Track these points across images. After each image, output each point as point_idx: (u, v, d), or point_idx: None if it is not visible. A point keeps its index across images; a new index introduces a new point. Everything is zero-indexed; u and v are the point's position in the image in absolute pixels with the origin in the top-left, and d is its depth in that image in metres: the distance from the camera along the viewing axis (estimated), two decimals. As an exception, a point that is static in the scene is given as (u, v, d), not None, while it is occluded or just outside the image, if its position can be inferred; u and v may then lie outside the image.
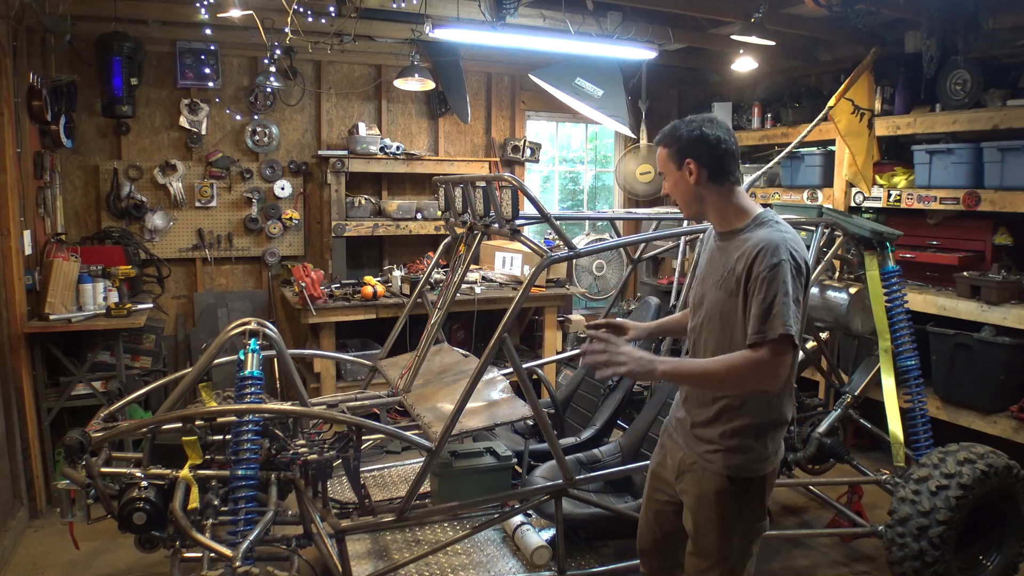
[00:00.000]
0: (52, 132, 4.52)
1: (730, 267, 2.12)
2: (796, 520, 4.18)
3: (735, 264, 2.10)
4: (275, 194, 5.58)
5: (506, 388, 3.28)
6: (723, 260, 2.16)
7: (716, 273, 2.18)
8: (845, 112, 4.39)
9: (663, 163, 2.22)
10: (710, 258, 2.26)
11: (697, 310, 2.26)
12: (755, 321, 1.99)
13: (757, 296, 2.00)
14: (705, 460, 2.17)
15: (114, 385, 4.31)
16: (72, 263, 4.25)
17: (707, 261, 2.27)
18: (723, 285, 2.14)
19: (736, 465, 2.12)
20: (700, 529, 2.19)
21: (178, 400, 3.07)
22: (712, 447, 2.16)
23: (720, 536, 2.15)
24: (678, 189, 2.20)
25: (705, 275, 2.25)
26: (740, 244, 2.11)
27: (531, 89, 6.12)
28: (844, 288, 3.85)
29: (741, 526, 2.16)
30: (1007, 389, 4.00)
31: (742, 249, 2.09)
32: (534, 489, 3.08)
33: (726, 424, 2.14)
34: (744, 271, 2.06)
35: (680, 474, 2.27)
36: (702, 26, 5.28)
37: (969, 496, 3.10)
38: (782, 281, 1.97)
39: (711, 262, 2.24)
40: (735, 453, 2.12)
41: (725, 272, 2.13)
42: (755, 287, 2.01)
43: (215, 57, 5.28)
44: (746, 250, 2.07)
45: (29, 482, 4.01)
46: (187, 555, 2.84)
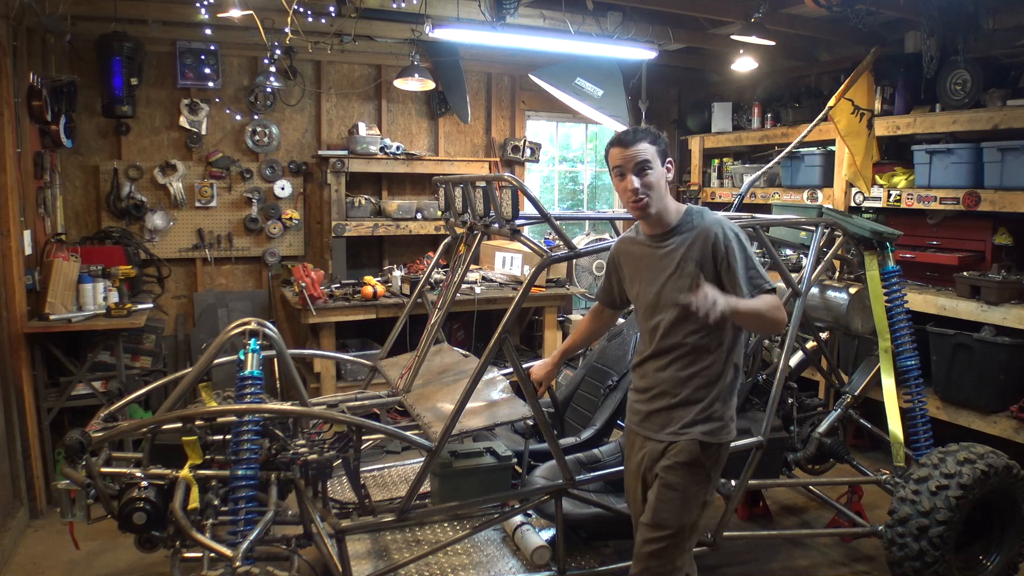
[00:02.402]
0: (52, 132, 4.52)
1: (688, 259, 2.36)
2: (796, 520, 4.18)
3: (691, 254, 2.36)
4: (275, 194, 5.58)
5: (506, 388, 3.28)
6: (670, 257, 2.40)
7: (666, 270, 2.40)
8: (845, 112, 4.39)
9: (652, 157, 2.36)
10: (646, 262, 2.48)
11: (655, 311, 2.45)
12: (748, 281, 2.34)
13: (737, 266, 2.33)
14: (679, 435, 2.40)
15: (114, 385, 4.31)
16: (72, 263, 4.25)
17: (645, 266, 2.48)
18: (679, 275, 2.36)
19: (709, 431, 2.39)
20: (663, 499, 2.38)
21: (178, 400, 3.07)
22: (689, 419, 2.39)
23: (681, 505, 2.36)
24: (662, 184, 2.38)
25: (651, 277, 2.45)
26: (687, 236, 2.39)
27: (531, 89, 6.12)
28: (844, 288, 3.85)
29: (700, 496, 2.40)
30: (1007, 389, 4.00)
31: (692, 239, 2.38)
32: (534, 489, 3.08)
33: (703, 396, 2.40)
34: (711, 254, 2.35)
35: (652, 463, 2.47)
36: (702, 26, 5.28)
37: (969, 496, 3.10)
38: (748, 251, 2.37)
39: (651, 264, 2.46)
40: (709, 421, 2.39)
41: (681, 266, 2.37)
42: (730, 261, 2.34)
43: (215, 57, 5.28)
44: (698, 238, 2.37)
45: (29, 482, 4.01)
46: (187, 555, 2.84)
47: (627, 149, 2.37)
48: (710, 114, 6.30)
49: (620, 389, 3.92)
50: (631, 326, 4.20)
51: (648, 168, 2.36)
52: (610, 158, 2.43)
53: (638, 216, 2.44)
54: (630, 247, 2.58)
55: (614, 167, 2.41)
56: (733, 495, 3.28)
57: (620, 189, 2.42)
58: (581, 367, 4.37)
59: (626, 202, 2.42)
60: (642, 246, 2.51)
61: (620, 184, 2.41)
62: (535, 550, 3.33)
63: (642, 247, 2.51)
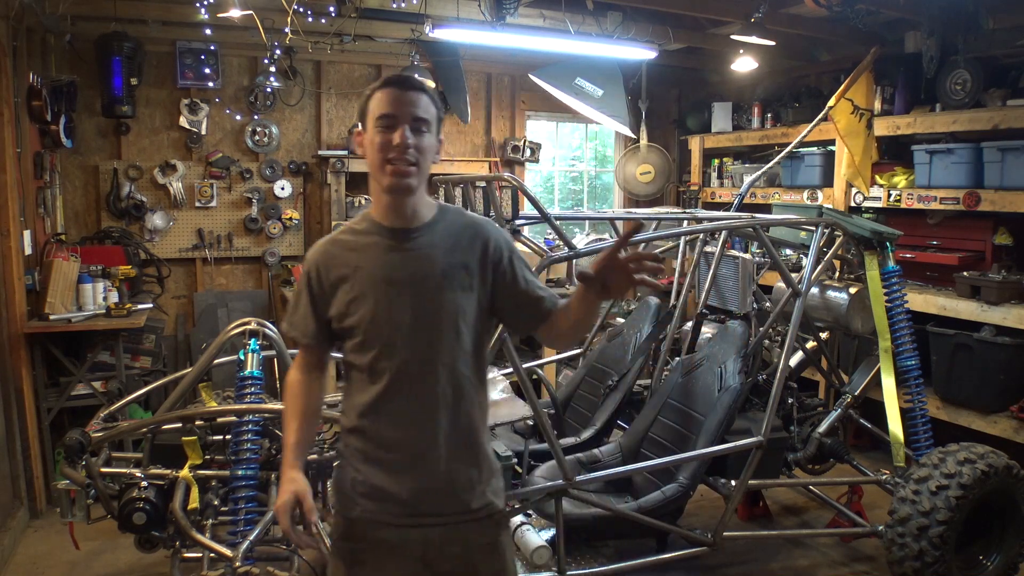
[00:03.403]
0: (52, 132, 4.52)
1: (451, 263, 1.77)
2: (796, 520, 4.18)
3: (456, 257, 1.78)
4: (275, 194, 5.58)
5: (506, 388, 3.28)
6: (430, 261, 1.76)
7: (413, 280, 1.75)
8: (845, 112, 4.39)
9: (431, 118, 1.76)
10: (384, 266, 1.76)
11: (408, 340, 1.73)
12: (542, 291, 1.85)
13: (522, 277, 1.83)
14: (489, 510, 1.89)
15: (114, 385, 4.30)
16: (72, 263, 4.25)
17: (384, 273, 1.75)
18: (448, 287, 1.76)
19: None
20: None
21: (178, 400, 3.07)
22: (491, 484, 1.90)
23: None
24: (431, 157, 1.77)
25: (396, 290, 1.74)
26: (448, 236, 1.80)
27: (531, 89, 6.11)
28: (844, 288, 3.85)
29: None
30: (1007, 389, 4.00)
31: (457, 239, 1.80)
32: (534, 489, 3.08)
33: None
34: (479, 258, 1.79)
35: None
36: (702, 26, 5.28)
37: (969, 496, 3.10)
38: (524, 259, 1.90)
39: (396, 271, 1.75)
40: None
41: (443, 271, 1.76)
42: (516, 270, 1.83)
43: (215, 57, 5.28)
44: (465, 238, 1.80)
45: (29, 482, 4.01)
46: (187, 555, 2.84)
47: (405, 93, 1.73)
48: (710, 114, 6.30)
49: (620, 389, 3.92)
50: (631, 326, 4.20)
51: (425, 129, 1.74)
52: (376, 103, 1.73)
53: (393, 186, 1.73)
54: (347, 248, 1.79)
55: (381, 115, 1.71)
56: (733, 495, 3.28)
57: (379, 144, 1.72)
58: (581, 367, 4.37)
59: (380, 161, 1.73)
60: (375, 245, 1.78)
61: (382, 137, 1.71)
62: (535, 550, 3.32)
63: (375, 246, 1.77)
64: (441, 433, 1.75)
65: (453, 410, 1.77)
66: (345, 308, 1.76)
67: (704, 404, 3.43)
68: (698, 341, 3.97)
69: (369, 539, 1.76)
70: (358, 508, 1.76)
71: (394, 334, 1.73)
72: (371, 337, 1.74)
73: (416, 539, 1.75)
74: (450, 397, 1.76)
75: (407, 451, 1.75)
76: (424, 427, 1.75)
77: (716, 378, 3.46)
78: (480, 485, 1.81)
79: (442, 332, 1.76)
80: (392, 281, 1.75)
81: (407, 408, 1.74)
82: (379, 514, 1.75)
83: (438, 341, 1.75)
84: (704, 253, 4.07)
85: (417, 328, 1.74)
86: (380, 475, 1.75)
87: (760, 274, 4.54)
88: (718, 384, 3.43)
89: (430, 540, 1.75)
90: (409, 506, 1.74)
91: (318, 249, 1.85)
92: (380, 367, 1.74)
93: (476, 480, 1.81)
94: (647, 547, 3.46)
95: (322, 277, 1.80)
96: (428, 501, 1.75)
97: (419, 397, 1.74)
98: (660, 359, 3.99)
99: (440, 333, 1.76)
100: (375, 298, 1.74)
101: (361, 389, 1.77)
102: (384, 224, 1.79)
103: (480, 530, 1.81)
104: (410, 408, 1.74)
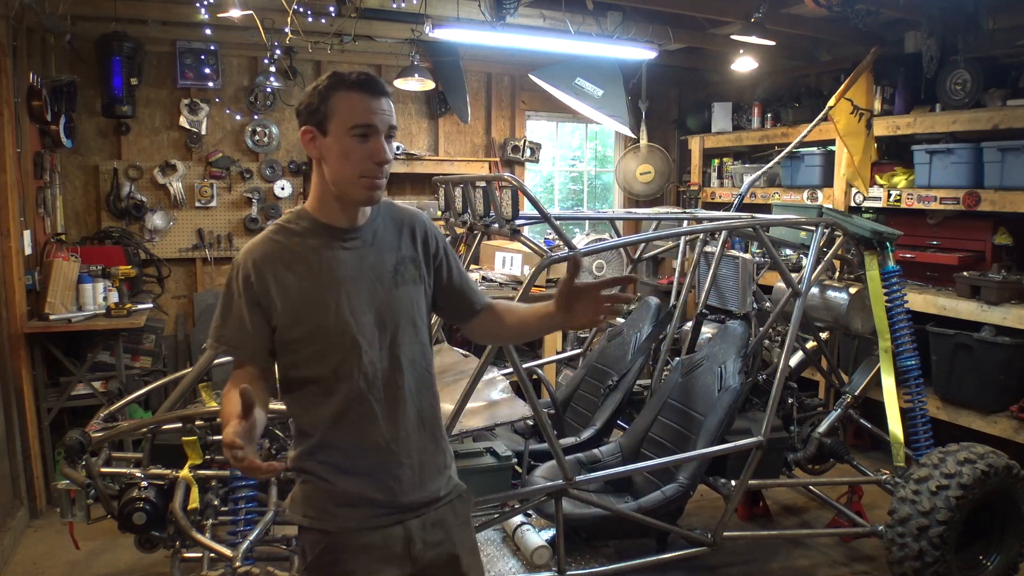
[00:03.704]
0: (52, 132, 4.52)
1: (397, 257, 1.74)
2: (796, 520, 4.18)
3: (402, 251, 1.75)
4: (275, 194, 5.58)
5: (506, 388, 3.27)
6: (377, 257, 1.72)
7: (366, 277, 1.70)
8: (844, 112, 4.39)
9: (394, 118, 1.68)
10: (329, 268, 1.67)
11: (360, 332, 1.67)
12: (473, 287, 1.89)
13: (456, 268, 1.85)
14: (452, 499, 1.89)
15: (114, 385, 4.31)
16: (72, 263, 4.25)
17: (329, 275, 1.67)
18: (399, 282, 1.73)
19: None
20: None
21: (178, 400, 3.07)
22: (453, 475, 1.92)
23: None
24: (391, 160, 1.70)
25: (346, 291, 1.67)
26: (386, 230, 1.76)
27: (531, 89, 6.11)
28: (844, 288, 3.85)
29: None
30: (1007, 389, 3.99)
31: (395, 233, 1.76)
32: (534, 489, 3.08)
33: None
34: (421, 250, 1.78)
35: None
36: (702, 26, 5.28)
37: (969, 496, 3.09)
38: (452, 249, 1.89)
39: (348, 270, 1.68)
40: None
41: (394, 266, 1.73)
42: (451, 261, 1.84)
43: (215, 57, 5.28)
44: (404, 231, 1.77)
45: (29, 482, 4.01)
46: (187, 555, 2.84)
47: (379, 100, 1.63)
48: (710, 114, 6.30)
49: (620, 389, 3.92)
50: (631, 326, 4.20)
51: (393, 136, 1.69)
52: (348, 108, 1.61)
53: (366, 200, 1.67)
54: (288, 250, 1.67)
55: (356, 125, 1.60)
56: (733, 495, 3.28)
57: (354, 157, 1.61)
58: (581, 367, 4.38)
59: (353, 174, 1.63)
60: (321, 246, 1.68)
61: (358, 148, 1.61)
62: (535, 550, 3.33)
63: (322, 247, 1.68)
64: (411, 428, 1.73)
65: (418, 403, 1.75)
66: (294, 316, 1.64)
67: (704, 404, 3.44)
68: (698, 341, 3.97)
69: (352, 548, 1.69)
70: (337, 519, 1.70)
71: (357, 336, 1.66)
72: (332, 343, 1.65)
73: (398, 536, 1.72)
74: (414, 391, 1.75)
75: (381, 453, 1.70)
76: (396, 425, 1.71)
77: (716, 378, 3.46)
78: (447, 470, 1.83)
79: (401, 327, 1.72)
80: (347, 280, 1.67)
81: (377, 410, 1.69)
82: (359, 520, 1.70)
83: (400, 337, 1.71)
84: (704, 253, 4.07)
85: (379, 326, 1.69)
86: (355, 482, 1.69)
87: (760, 274, 4.54)
88: (718, 384, 3.44)
89: (411, 534, 1.73)
90: (388, 505, 1.71)
91: (254, 250, 1.67)
92: (344, 373, 1.65)
93: (443, 466, 1.82)
94: (647, 547, 3.47)
95: (265, 280, 1.64)
96: (405, 496, 1.73)
97: (387, 397, 1.70)
98: (660, 359, 4.00)
99: (400, 329, 1.72)
100: (334, 300, 1.65)
101: (320, 401, 1.67)
102: (329, 223, 1.69)
103: (454, 512, 1.82)
104: (380, 409, 1.69)
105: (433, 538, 1.76)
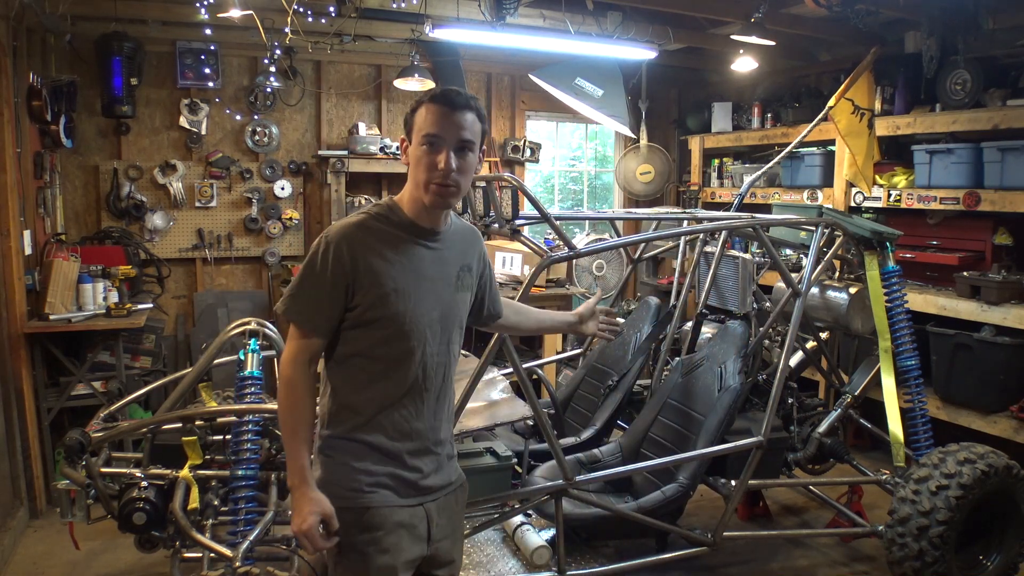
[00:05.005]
0: (52, 132, 4.52)
1: (461, 265, 1.92)
2: (796, 520, 4.18)
3: (464, 260, 1.94)
4: (275, 194, 5.58)
5: (506, 388, 3.27)
6: (448, 263, 1.88)
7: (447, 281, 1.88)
8: (845, 112, 4.39)
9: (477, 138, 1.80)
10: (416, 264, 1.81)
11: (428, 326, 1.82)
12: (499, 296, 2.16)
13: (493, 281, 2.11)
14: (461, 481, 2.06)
15: (114, 385, 4.31)
16: (72, 263, 4.25)
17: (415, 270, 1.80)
18: (459, 287, 1.91)
19: None
20: None
21: (178, 400, 3.07)
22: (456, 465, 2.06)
23: None
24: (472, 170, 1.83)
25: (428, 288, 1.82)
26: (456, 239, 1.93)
27: (531, 89, 6.11)
28: (844, 288, 3.85)
29: None
30: (1007, 389, 4.00)
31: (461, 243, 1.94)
32: (534, 489, 3.08)
33: None
34: (476, 264, 1.99)
35: None
36: (702, 26, 5.28)
37: (969, 496, 3.10)
38: None
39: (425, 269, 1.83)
40: None
41: (457, 273, 1.90)
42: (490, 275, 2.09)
43: (215, 57, 5.28)
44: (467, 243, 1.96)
45: (29, 482, 4.01)
46: (187, 555, 2.84)
47: (455, 113, 1.75)
48: (710, 114, 6.30)
49: (620, 389, 3.92)
50: (631, 326, 4.20)
51: (470, 150, 1.79)
52: (423, 120, 1.76)
53: (434, 206, 1.79)
54: (379, 238, 1.78)
55: (428, 133, 1.74)
56: (733, 495, 3.28)
57: (423, 164, 1.76)
58: (581, 367, 4.37)
59: (423, 180, 1.76)
60: (408, 241, 1.81)
61: (426, 156, 1.75)
62: (535, 550, 3.33)
63: (409, 242, 1.81)
64: (444, 419, 1.94)
65: (450, 397, 1.96)
66: (377, 299, 1.75)
67: (704, 404, 3.44)
68: (698, 341, 3.97)
69: (388, 525, 1.79)
70: (375, 496, 1.79)
71: (425, 329, 1.82)
72: (403, 331, 1.78)
73: (421, 516, 1.86)
74: (450, 385, 1.94)
75: (421, 439, 1.86)
76: (436, 416, 1.90)
77: (716, 378, 3.46)
78: (455, 459, 2.00)
79: (454, 328, 1.92)
80: (425, 278, 1.82)
81: (426, 400, 1.86)
82: (394, 498, 1.81)
83: (451, 336, 1.91)
84: (704, 253, 4.07)
85: (441, 324, 1.86)
86: (395, 464, 1.82)
87: (760, 274, 4.54)
88: (718, 384, 3.44)
89: (430, 515, 1.88)
90: (413, 486, 1.85)
91: (347, 232, 1.76)
92: (407, 361, 1.80)
93: (453, 454, 2.00)
94: (647, 547, 3.47)
95: (356, 261, 1.74)
96: (427, 480, 1.88)
97: (435, 389, 1.88)
98: (660, 359, 4.00)
99: (453, 329, 1.91)
100: (414, 292, 1.79)
101: (376, 383, 1.80)
102: (416, 222, 1.83)
103: (456, 499, 1.98)
104: (428, 400, 1.86)
105: (442, 521, 1.91)
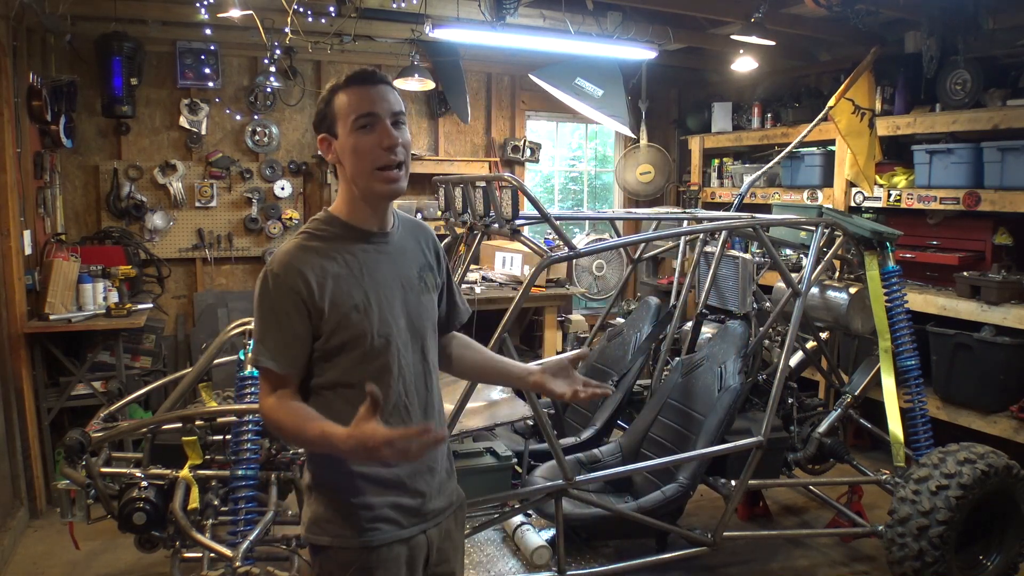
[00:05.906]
0: (52, 132, 4.52)
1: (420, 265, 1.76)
2: (796, 520, 4.18)
3: (424, 259, 1.78)
4: (275, 194, 5.58)
5: (506, 388, 3.28)
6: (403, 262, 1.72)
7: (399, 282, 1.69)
8: (845, 112, 4.38)
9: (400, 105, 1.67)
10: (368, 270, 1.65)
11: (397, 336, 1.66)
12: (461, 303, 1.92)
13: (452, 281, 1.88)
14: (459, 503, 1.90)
15: (114, 385, 4.31)
16: (72, 263, 4.25)
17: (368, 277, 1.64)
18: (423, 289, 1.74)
19: None
20: None
21: (178, 400, 3.07)
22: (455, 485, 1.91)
23: None
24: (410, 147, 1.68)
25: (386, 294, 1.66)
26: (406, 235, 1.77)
27: (531, 89, 6.11)
28: (844, 288, 3.85)
29: None
30: (1007, 389, 4.00)
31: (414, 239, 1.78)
32: (534, 489, 3.08)
33: None
34: (434, 260, 1.81)
35: None
36: (702, 26, 5.28)
37: (969, 496, 3.10)
38: None
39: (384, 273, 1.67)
40: None
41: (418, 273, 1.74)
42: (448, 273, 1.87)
43: (215, 57, 5.28)
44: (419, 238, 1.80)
45: (29, 482, 4.01)
46: (187, 555, 2.84)
47: (376, 88, 1.63)
48: (710, 114, 6.30)
49: (620, 389, 3.92)
50: (631, 326, 4.21)
51: (403, 122, 1.65)
52: (346, 105, 1.62)
53: (387, 193, 1.64)
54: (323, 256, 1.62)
55: (359, 116, 1.60)
56: (733, 495, 3.28)
57: (363, 148, 1.60)
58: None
59: (366, 167, 1.61)
60: (356, 250, 1.65)
61: (364, 139, 1.60)
62: (535, 550, 3.33)
63: (356, 251, 1.65)
64: None
65: (438, 408, 1.78)
66: (338, 324, 1.59)
67: (704, 404, 3.44)
68: (698, 341, 3.97)
69: (387, 562, 1.65)
70: (376, 535, 1.64)
71: (397, 341, 1.65)
72: (373, 348, 1.61)
73: (423, 545, 1.72)
74: (435, 395, 1.76)
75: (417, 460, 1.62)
76: None
77: (716, 378, 3.46)
78: (453, 476, 1.84)
79: (427, 333, 1.74)
80: (383, 285, 1.65)
81: (412, 413, 1.69)
82: (395, 531, 1.67)
83: (424, 343, 1.73)
84: (704, 253, 4.07)
85: (411, 331, 1.69)
86: (389, 492, 1.67)
87: (760, 274, 4.54)
88: (718, 384, 3.44)
89: (431, 542, 1.74)
90: (416, 513, 1.70)
91: (290, 259, 1.59)
92: (385, 378, 1.63)
93: (450, 471, 1.83)
94: (647, 547, 3.47)
95: (310, 286, 1.57)
96: (430, 503, 1.73)
97: (421, 403, 1.71)
98: (660, 359, 4.00)
99: (426, 335, 1.73)
100: (375, 303, 1.63)
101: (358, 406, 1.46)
102: (359, 227, 1.67)
103: (456, 519, 1.84)
104: (414, 413, 1.69)
105: (444, 546, 1.79)
